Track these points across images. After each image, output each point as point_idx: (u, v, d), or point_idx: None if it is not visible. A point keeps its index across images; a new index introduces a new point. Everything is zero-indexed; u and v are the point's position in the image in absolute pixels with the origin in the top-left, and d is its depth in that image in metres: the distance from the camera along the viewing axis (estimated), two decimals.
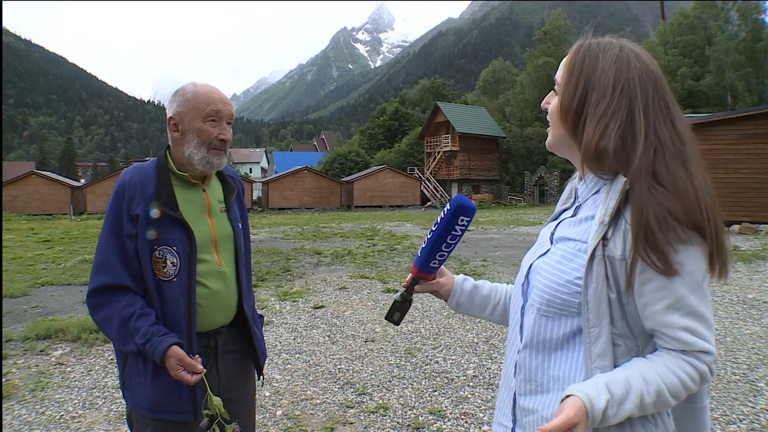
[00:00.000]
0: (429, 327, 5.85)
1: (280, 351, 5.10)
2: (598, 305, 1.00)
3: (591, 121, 1.05)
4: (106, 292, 1.66)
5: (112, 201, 1.69)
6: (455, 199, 1.24)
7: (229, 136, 1.76)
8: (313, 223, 24.04)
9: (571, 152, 1.15)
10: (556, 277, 1.06)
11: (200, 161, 1.73)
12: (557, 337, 1.07)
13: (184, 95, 1.74)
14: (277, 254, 12.23)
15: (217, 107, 1.72)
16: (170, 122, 1.76)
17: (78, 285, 8.74)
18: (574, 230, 1.10)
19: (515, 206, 39.65)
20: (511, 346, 1.20)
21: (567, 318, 1.05)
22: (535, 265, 1.15)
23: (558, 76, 1.16)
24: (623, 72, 1.06)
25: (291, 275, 9.43)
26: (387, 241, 14.83)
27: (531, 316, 1.11)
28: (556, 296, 1.05)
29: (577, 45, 1.13)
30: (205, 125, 1.72)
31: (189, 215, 1.72)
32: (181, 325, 1.67)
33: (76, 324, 5.79)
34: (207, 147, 1.72)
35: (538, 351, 1.10)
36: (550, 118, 1.16)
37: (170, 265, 1.67)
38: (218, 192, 1.86)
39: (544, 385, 1.09)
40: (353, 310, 6.72)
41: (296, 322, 6.20)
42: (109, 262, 1.66)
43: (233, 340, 1.87)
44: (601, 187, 1.09)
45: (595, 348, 1.00)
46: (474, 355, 4.93)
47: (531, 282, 1.14)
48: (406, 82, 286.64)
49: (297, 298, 7.42)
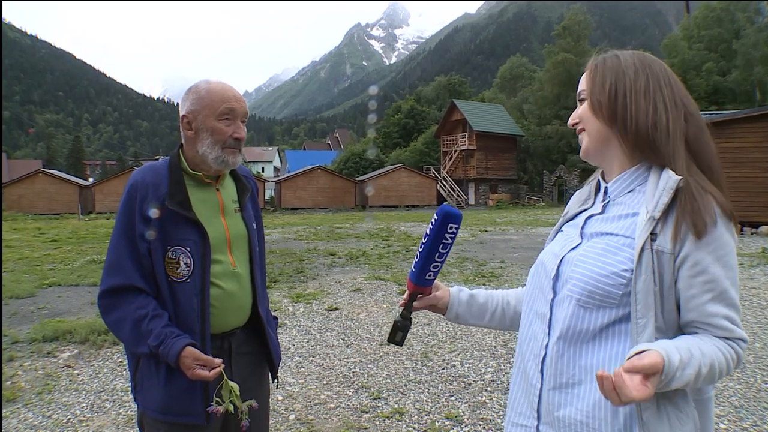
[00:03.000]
0: (446, 330, 5.82)
1: (293, 354, 5.11)
2: (646, 297, 1.05)
3: (636, 100, 1.14)
4: (118, 293, 1.66)
5: (124, 201, 1.69)
6: (441, 208, 1.29)
7: (243, 135, 1.75)
8: (326, 223, 24.11)
9: (609, 150, 1.20)
10: (600, 268, 1.10)
11: (215, 160, 1.72)
12: (593, 328, 1.11)
13: (197, 93, 1.74)
14: (291, 255, 12.27)
15: (231, 105, 1.72)
16: (183, 120, 1.76)
17: (86, 286, 8.80)
18: (611, 226, 1.15)
19: (533, 206, 39.40)
20: (530, 342, 1.22)
21: (606, 309, 1.09)
22: (568, 258, 1.18)
23: (581, 87, 1.24)
24: (644, 61, 1.18)
25: (304, 276, 9.45)
26: (402, 242, 14.81)
27: (567, 308, 1.14)
28: (600, 287, 1.09)
29: (593, 58, 1.24)
30: (220, 123, 1.71)
31: (203, 215, 1.72)
32: (195, 326, 1.67)
33: (84, 325, 5.82)
34: (221, 146, 1.71)
35: (572, 343, 1.13)
36: (583, 122, 1.22)
37: (183, 266, 1.67)
38: (232, 191, 1.86)
39: (576, 376, 1.12)
40: (368, 312, 6.72)
41: (310, 324, 6.21)
42: (121, 262, 1.66)
43: (247, 341, 1.87)
44: (636, 186, 1.17)
45: (642, 338, 1.05)
46: (492, 359, 4.90)
47: (564, 274, 1.17)
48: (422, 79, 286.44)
49: (310, 300, 7.44)
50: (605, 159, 1.22)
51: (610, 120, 1.16)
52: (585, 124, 1.21)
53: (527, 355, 1.23)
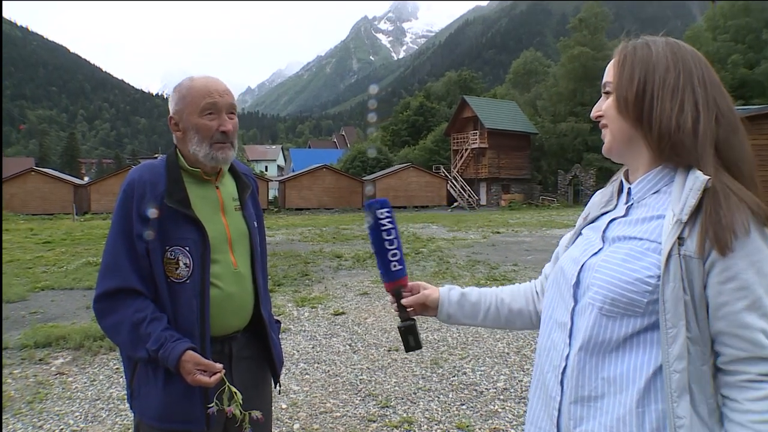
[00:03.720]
0: (456, 336, 5.81)
1: (298, 360, 5.11)
2: (676, 305, 1.02)
3: (662, 98, 1.11)
4: (115, 296, 1.66)
5: (121, 200, 1.69)
6: (365, 203, 1.38)
7: (230, 127, 1.75)
8: (333, 224, 24.15)
9: (634, 149, 1.18)
10: (624, 275, 1.08)
11: (205, 158, 1.73)
12: (617, 338, 1.09)
13: (180, 92, 1.76)
14: (295, 257, 12.30)
15: (213, 99, 1.72)
16: (171, 122, 1.78)
17: (81, 289, 8.80)
18: (635, 229, 1.13)
19: (548, 207, 39.28)
20: (549, 352, 1.21)
21: (630, 318, 1.07)
22: (589, 264, 1.16)
23: (607, 78, 1.21)
24: (677, 54, 1.13)
25: (309, 280, 9.47)
26: (411, 244, 14.80)
27: (589, 317, 1.12)
28: (624, 295, 1.07)
29: (622, 45, 1.19)
30: (203, 120, 1.72)
31: (202, 213, 1.73)
32: (194, 329, 1.67)
33: (79, 331, 5.81)
34: (209, 142, 1.72)
35: (594, 353, 1.10)
36: (607, 119, 1.19)
37: (183, 267, 1.67)
38: (232, 189, 1.87)
39: (598, 389, 1.10)
40: (376, 317, 6.71)
41: (315, 329, 6.21)
42: (117, 264, 1.66)
43: (249, 345, 1.87)
44: (662, 187, 1.14)
45: (673, 350, 1.02)
46: (504, 366, 4.87)
47: (585, 281, 1.15)
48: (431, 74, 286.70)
49: (316, 304, 7.45)
50: (629, 157, 1.20)
51: (636, 120, 1.13)
52: (608, 121, 1.19)
53: (546, 366, 1.21)
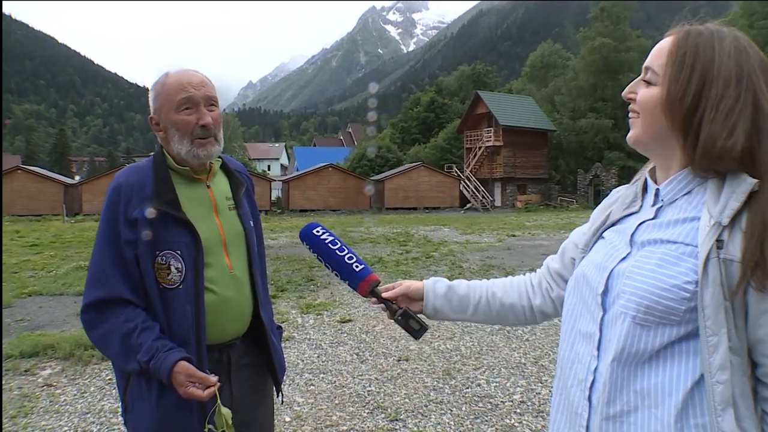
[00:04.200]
0: (470, 345, 5.82)
1: (303, 370, 5.14)
2: (716, 311, 1.00)
3: (714, 118, 1.05)
4: (103, 306, 1.66)
5: (107, 205, 1.71)
6: (300, 236, 1.52)
7: (209, 120, 1.74)
8: (339, 226, 24.15)
9: (665, 148, 1.15)
10: (659, 281, 1.05)
11: (187, 155, 1.74)
12: (652, 348, 1.06)
13: (156, 90, 1.76)
14: (299, 261, 12.33)
15: (188, 93, 1.72)
16: (152, 122, 1.79)
17: (72, 295, 8.80)
18: (668, 232, 1.10)
19: (566, 209, 39.14)
20: (573, 366, 1.18)
21: (666, 327, 1.05)
22: (618, 271, 1.13)
23: (655, 63, 1.14)
24: (744, 63, 1.07)
25: (315, 285, 9.50)
26: (422, 248, 14.81)
27: (621, 327, 1.09)
28: (659, 302, 1.04)
29: (684, 31, 1.12)
30: (181, 115, 1.72)
31: (193, 214, 1.73)
32: (189, 337, 1.67)
33: (69, 339, 5.75)
34: (190, 139, 1.73)
35: (627, 365, 1.08)
36: (641, 109, 1.15)
37: (175, 272, 1.68)
38: (225, 188, 1.87)
39: (631, 403, 1.08)
40: (384, 324, 6.73)
41: (320, 337, 6.24)
42: (105, 273, 1.66)
43: (248, 353, 1.86)
44: (695, 187, 1.11)
45: (715, 359, 1.00)
46: (521, 377, 4.88)
47: (615, 289, 1.13)
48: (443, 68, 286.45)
49: (321, 311, 7.48)
50: (659, 155, 1.16)
51: (677, 128, 1.10)
52: (643, 112, 1.14)
53: (570, 379, 1.18)
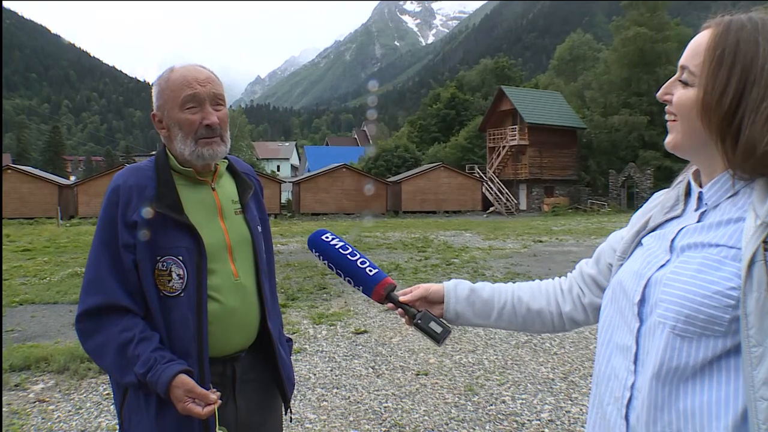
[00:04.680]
0: (494, 358, 5.80)
1: (315, 385, 5.15)
2: (761, 319, 0.97)
3: (754, 122, 1.04)
4: (99, 314, 1.65)
5: (105, 208, 1.72)
6: (308, 244, 1.55)
7: (215, 119, 1.75)
8: (353, 231, 24.23)
9: (706, 152, 1.13)
10: (700, 287, 1.03)
11: (191, 155, 1.75)
12: (695, 363, 1.03)
13: (159, 85, 1.78)
14: (311, 268, 12.37)
15: (194, 90, 1.73)
16: (154, 119, 1.81)
17: (66, 304, 8.84)
18: (709, 235, 1.09)
19: (597, 212, 38.92)
20: (609, 382, 1.17)
21: (709, 339, 1.02)
22: (656, 278, 1.11)
23: (691, 62, 1.13)
24: None
25: (327, 293, 9.53)
26: (442, 254, 14.81)
27: (660, 339, 1.07)
28: (701, 310, 1.02)
29: (724, 24, 1.10)
30: (185, 114, 1.73)
31: (197, 218, 1.74)
32: (191, 349, 1.67)
33: (64, 351, 5.75)
34: (194, 138, 1.73)
35: (667, 381, 1.06)
36: (679, 113, 1.13)
37: (176, 278, 1.68)
38: (231, 190, 1.88)
39: (673, 424, 1.05)
40: (402, 336, 6.72)
41: (334, 350, 6.25)
42: (101, 279, 1.66)
43: (255, 366, 1.86)
44: (741, 188, 1.09)
45: (759, 372, 0.97)
46: (549, 394, 4.85)
47: (653, 298, 1.11)
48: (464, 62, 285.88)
49: (335, 321, 7.49)
50: (700, 159, 1.15)
51: (717, 132, 1.08)
52: (680, 116, 1.13)
53: (606, 397, 1.17)
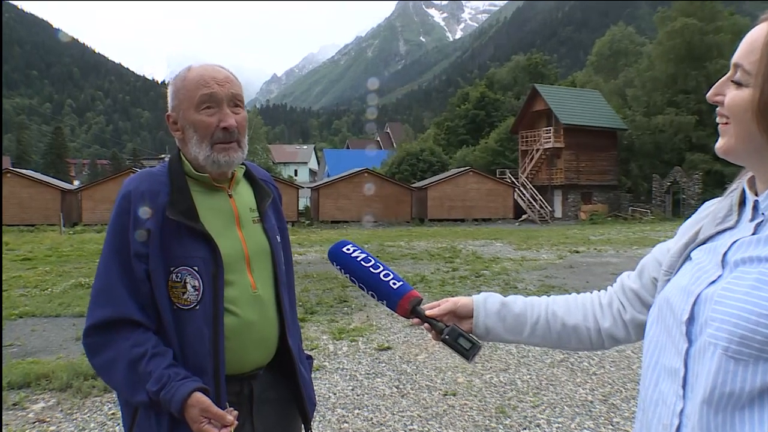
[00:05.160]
0: (527, 378, 5.78)
1: (335, 405, 5.16)
2: None
3: None
4: (109, 328, 1.66)
5: (115, 215, 1.73)
6: (329, 253, 1.56)
7: (232, 122, 1.76)
8: (375, 240, 24.23)
9: (760, 158, 1.12)
10: (755, 306, 1.00)
11: (206, 161, 1.76)
12: (752, 389, 0.99)
13: (175, 85, 1.80)
14: (331, 280, 12.40)
15: (211, 90, 1.74)
16: (168, 120, 1.83)
17: (69, 317, 8.90)
18: (766, 249, 1.06)
19: (639, 220, 38.51)
20: (656, 407, 1.16)
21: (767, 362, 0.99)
22: (707, 295, 1.09)
23: (746, 60, 1.12)
24: None
25: (348, 307, 9.56)
26: (471, 265, 14.79)
27: (710, 361, 1.03)
28: (758, 331, 0.98)
29: None
30: (201, 115, 1.74)
31: (213, 227, 1.75)
32: (206, 365, 1.68)
33: (66, 367, 5.77)
34: (209, 142, 1.75)
35: (720, 409, 1.02)
36: (732, 115, 1.12)
37: (191, 290, 1.69)
38: (249, 198, 1.90)
39: None
40: (428, 353, 6.72)
41: (355, 367, 6.27)
42: (111, 290, 1.67)
43: (273, 385, 1.88)
44: None
45: None
46: (588, 417, 4.82)
47: (703, 316, 1.09)
48: (495, 59, 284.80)
49: (356, 337, 7.51)
50: (756, 164, 1.13)
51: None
52: (733, 119, 1.12)
53: (654, 424, 1.14)
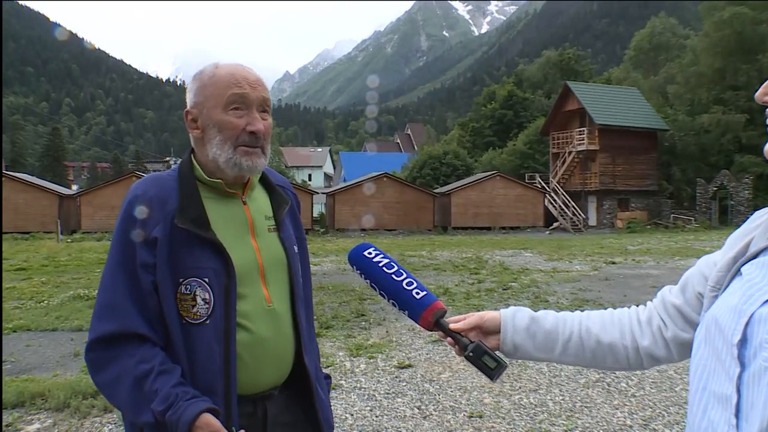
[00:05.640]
0: (560, 399, 5.76)
1: (352, 427, 5.17)
2: None
3: None
4: (114, 343, 1.67)
5: (121, 222, 1.74)
6: (349, 257, 1.61)
7: (261, 127, 1.79)
8: (396, 249, 24.23)
9: None
10: None
11: (226, 163, 1.77)
12: None
13: (200, 80, 1.82)
14: (348, 292, 12.44)
15: (243, 90, 1.77)
16: (188, 117, 1.84)
17: (67, 331, 8.96)
18: None
19: (682, 229, 38.19)
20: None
21: None
22: (761, 316, 1.07)
23: None
24: None
25: (366, 321, 9.57)
26: (498, 277, 14.76)
27: (766, 387, 1.00)
28: None
29: None
30: (228, 116, 1.76)
31: (225, 236, 1.75)
32: (216, 384, 1.68)
33: (63, 386, 5.80)
34: (233, 144, 1.76)
35: None
36: None
37: (201, 303, 1.69)
38: (264, 205, 1.91)
39: None
40: (452, 371, 6.71)
41: (374, 386, 6.28)
42: (117, 302, 1.68)
43: (289, 407, 1.87)
44: None
45: None
46: None
47: (757, 338, 1.06)
48: (524, 54, 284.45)
49: (375, 354, 7.53)
50: None
51: None
52: None
53: None
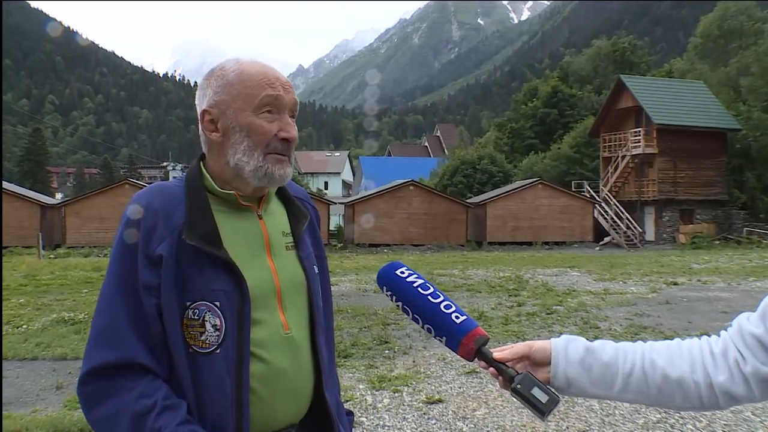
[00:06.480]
0: None
1: None
2: None
3: None
4: (111, 374, 1.65)
5: (121, 237, 1.72)
6: (378, 277, 1.70)
7: (294, 134, 1.79)
8: (423, 267, 24.21)
9: None
10: None
11: (254, 173, 1.76)
12: None
13: (224, 77, 1.79)
14: (369, 316, 12.47)
15: (277, 92, 1.76)
16: (204, 118, 1.81)
17: (49, 360, 9.01)
18: None
19: (758, 245, 37.74)
20: None
21: None
22: None
23: None
24: None
25: (390, 349, 9.56)
26: (541, 299, 14.70)
27: None
28: None
29: None
30: (259, 119, 1.75)
31: (239, 254, 1.74)
32: (227, 421, 1.66)
33: (44, 423, 5.84)
34: (263, 151, 1.75)
35: None
36: None
37: (211, 330, 1.68)
38: (281, 220, 1.91)
39: None
40: (489, 408, 6.70)
41: (399, 424, 6.28)
42: (116, 328, 1.66)
43: None
44: None
45: None
46: None
47: None
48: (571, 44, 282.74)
49: (400, 386, 7.52)
50: None
51: None
52: None
53: None
